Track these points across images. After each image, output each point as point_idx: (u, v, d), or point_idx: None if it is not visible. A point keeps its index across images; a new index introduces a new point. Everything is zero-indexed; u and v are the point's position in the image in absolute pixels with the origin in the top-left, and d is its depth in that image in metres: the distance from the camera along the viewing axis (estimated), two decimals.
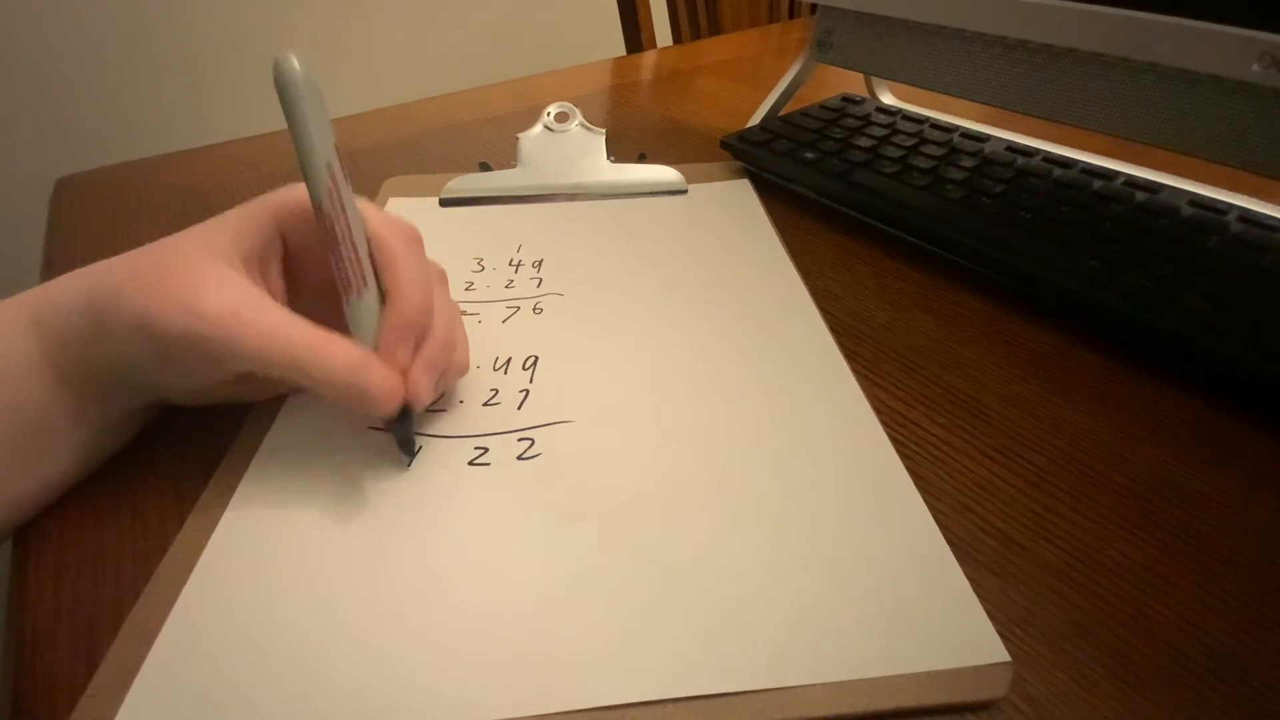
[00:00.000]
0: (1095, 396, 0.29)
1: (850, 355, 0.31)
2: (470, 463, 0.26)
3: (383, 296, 0.25)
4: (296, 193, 0.26)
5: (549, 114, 0.46)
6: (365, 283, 0.24)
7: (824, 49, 0.46)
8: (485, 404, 0.29)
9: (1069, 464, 0.27)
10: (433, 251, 0.27)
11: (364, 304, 0.24)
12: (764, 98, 0.50)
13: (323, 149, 0.23)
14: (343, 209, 0.23)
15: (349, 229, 0.24)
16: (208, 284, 0.23)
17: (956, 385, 0.30)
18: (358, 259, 0.24)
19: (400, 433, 0.26)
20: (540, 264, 0.37)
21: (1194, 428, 0.28)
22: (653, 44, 0.89)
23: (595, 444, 0.27)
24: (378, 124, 0.55)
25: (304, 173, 0.23)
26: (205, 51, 1.07)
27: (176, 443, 0.27)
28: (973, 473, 0.26)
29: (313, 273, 0.27)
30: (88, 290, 0.24)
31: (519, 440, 0.27)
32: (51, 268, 0.39)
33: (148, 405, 0.27)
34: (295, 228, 0.26)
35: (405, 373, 0.25)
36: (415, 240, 0.26)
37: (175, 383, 0.25)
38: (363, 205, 0.25)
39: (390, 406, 0.24)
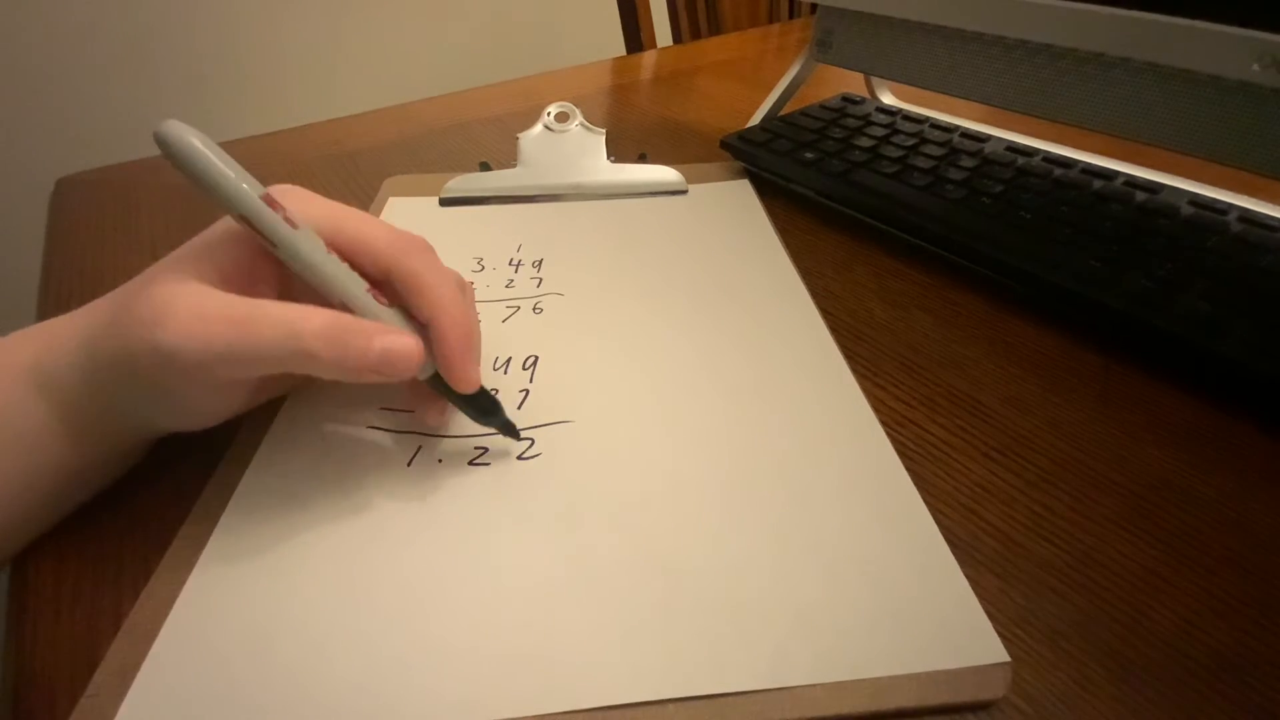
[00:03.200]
0: (1095, 396, 0.29)
1: (850, 355, 0.31)
2: (470, 463, 0.26)
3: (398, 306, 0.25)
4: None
5: (549, 114, 0.46)
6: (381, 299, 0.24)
7: (824, 49, 0.46)
8: None
9: (1069, 464, 0.27)
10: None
11: (379, 312, 0.24)
12: (764, 98, 0.50)
13: (251, 187, 0.22)
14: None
15: (321, 268, 0.23)
16: (171, 305, 0.21)
17: (956, 385, 0.30)
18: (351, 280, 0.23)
19: (495, 423, 0.26)
20: (540, 264, 0.37)
21: (1194, 428, 0.28)
22: (653, 44, 0.89)
23: (595, 444, 0.27)
24: (378, 124, 0.55)
25: (249, 220, 0.22)
26: (205, 51, 1.07)
27: (176, 443, 0.27)
28: (973, 473, 0.26)
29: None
30: (82, 344, 0.23)
31: (519, 440, 0.27)
32: (51, 268, 0.39)
33: (164, 434, 0.26)
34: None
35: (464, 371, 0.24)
36: (429, 252, 0.25)
37: (185, 414, 0.24)
38: (365, 220, 0.25)
39: (409, 365, 0.23)
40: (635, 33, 0.88)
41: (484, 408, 0.26)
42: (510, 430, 0.26)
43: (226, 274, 0.23)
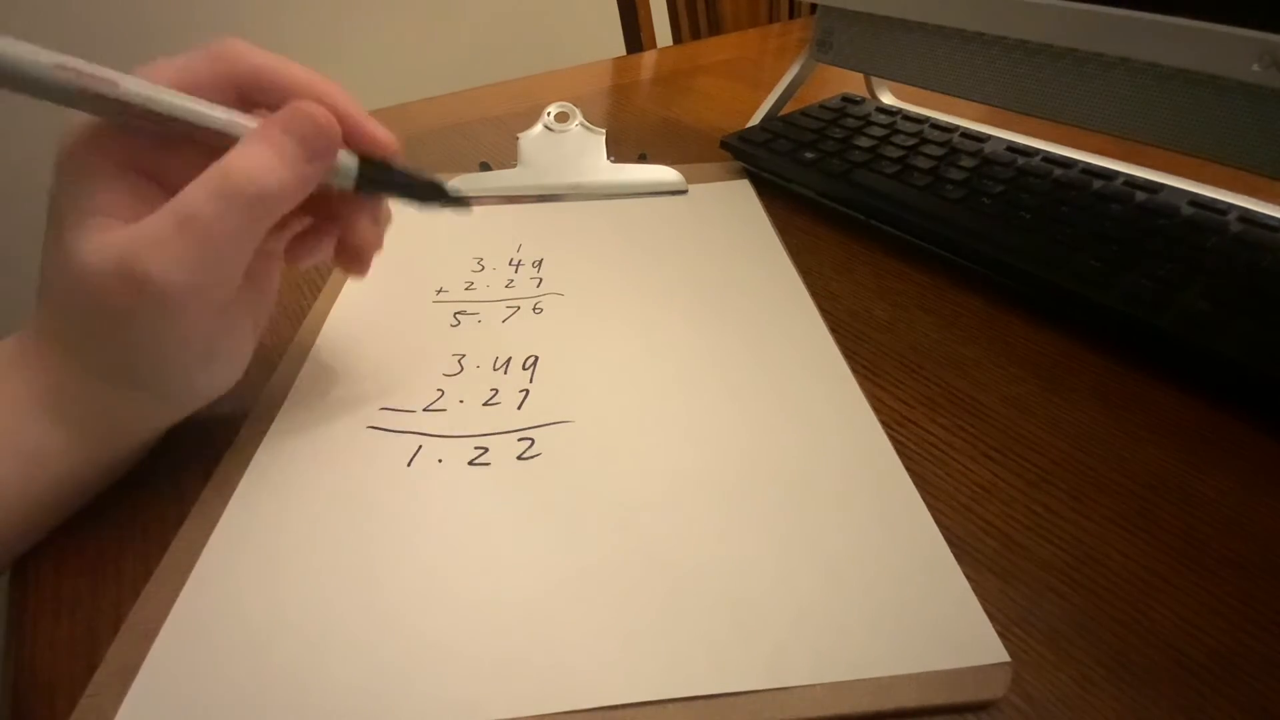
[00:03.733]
0: (1095, 396, 0.29)
1: (850, 355, 0.31)
2: (470, 463, 0.26)
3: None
4: (82, 120, 0.22)
5: (549, 114, 0.46)
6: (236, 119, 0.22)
7: (824, 49, 0.46)
8: (485, 404, 0.29)
9: (1069, 464, 0.27)
10: (433, 251, 0.27)
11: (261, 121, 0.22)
12: (764, 98, 0.50)
13: (43, 58, 0.20)
14: (134, 89, 0.20)
15: (170, 99, 0.21)
16: (128, 256, 0.20)
17: (956, 385, 0.30)
18: (209, 110, 0.21)
19: (441, 198, 0.25)
20: (540, 264, 0.37)
21: (1194, 428, 0.28)
22: (653, 44, 0.89)
23: (595, 444, 0.27)
24: None
25: (84, 85, 0.20)
26: None
27: (176, 443, 0.27)
28: (973, 473, 0.26)
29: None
30: (61, 358, 0.23)
31: (519, 440, 0.27)
32: None
33: (180, 417, 0.26)
34: (129, 149, 0.22)
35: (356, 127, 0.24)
36: (247, 43, 0.23)
37: (206, 364, 0.23)
38: (169, 64, 0.22)
39: (330, 131, 0.22)
40: (635, 33, 0.88)
41: (425, 189, 0.25)
42: (460, 202, 0.26)
43: (124, 203, 0.22)
